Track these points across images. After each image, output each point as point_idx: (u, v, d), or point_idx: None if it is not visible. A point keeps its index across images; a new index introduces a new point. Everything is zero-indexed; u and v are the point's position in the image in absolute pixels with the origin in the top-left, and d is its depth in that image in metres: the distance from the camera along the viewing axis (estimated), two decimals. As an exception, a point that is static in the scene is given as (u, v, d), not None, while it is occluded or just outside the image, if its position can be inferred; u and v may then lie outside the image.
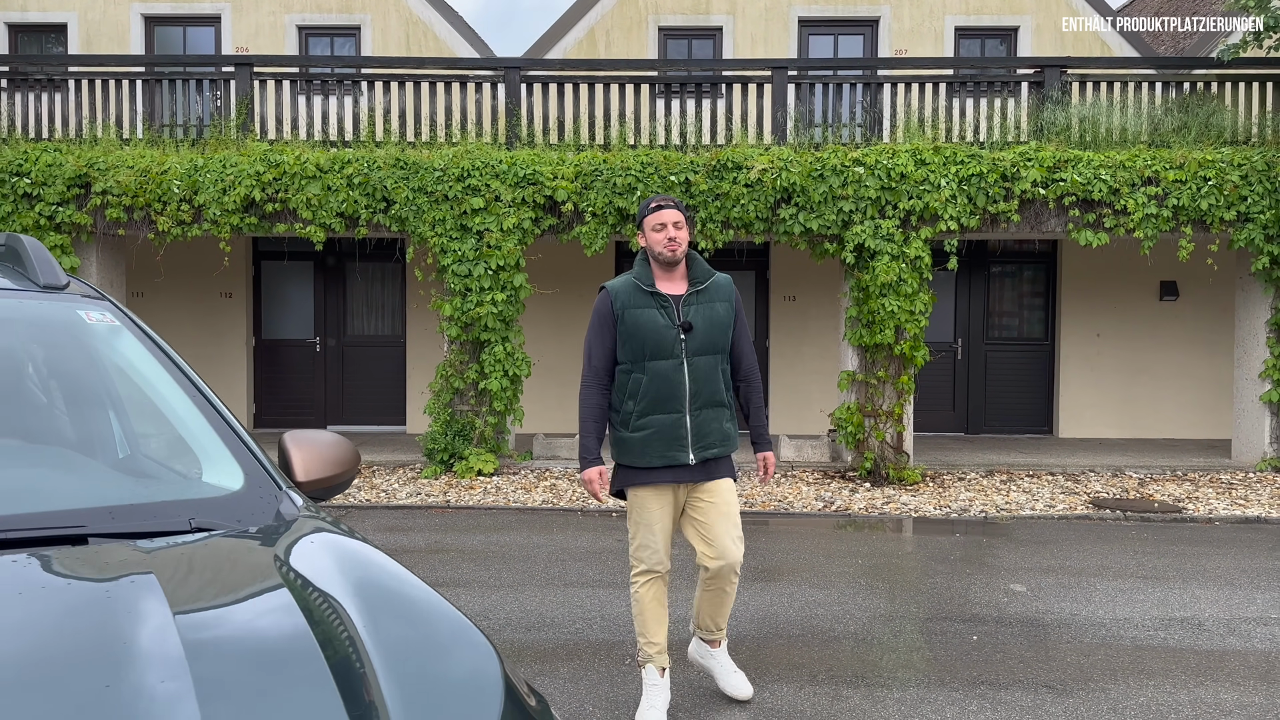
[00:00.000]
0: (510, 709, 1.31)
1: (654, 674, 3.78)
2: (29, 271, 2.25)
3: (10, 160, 9.69)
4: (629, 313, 3.69)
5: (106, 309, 2.21)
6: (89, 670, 1.13)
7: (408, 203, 9.40)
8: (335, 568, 1.54)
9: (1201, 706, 3.99)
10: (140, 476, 1.94)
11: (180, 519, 1.66)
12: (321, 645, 1.27)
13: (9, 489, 1.76)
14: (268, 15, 12.95)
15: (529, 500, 8.50)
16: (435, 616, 1.47)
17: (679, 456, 3.66)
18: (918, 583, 6.02)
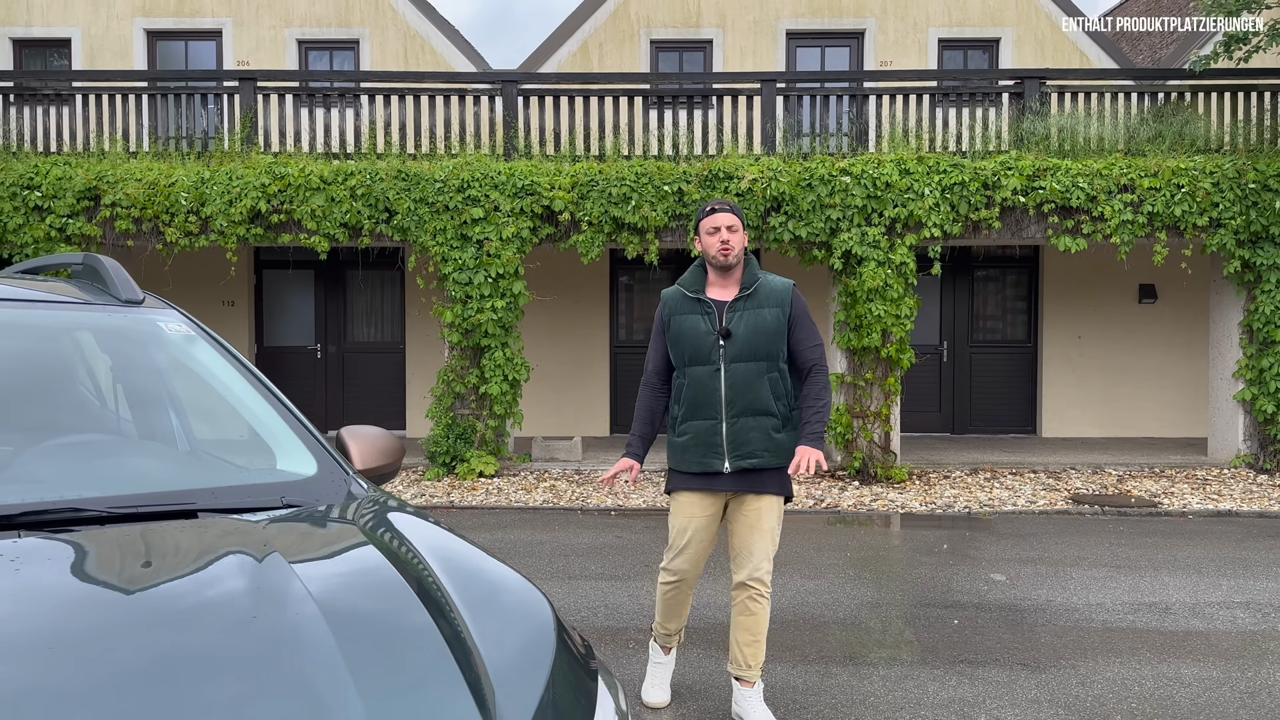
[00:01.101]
0: (561, 643, 1.62)
1: (659, 653, 3.93)
2: (109, 287, 2.55)
3: (21, 174, 9.95)
4: (675, 319, 3.71)
5: (181, 320, 2.52)
6: (237, 604, 1.44)
7: (409, 213, 9.70)
8: (408, 533, 1.85)
9: (1163, 680, 4.31)
10: (227, 464, 2.25)
11: (273, 497, 1.97)
12: (411, 586, 1.58)
13: (124, 475, 2.07)
14: (268, 30, 13.24)
15: (529, 500, 8.79)
16: (498, 572, 1.78)
17: (714, 464, 3.62)
18: (903, 573, 6.35)
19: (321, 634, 1.36)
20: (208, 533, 1.75)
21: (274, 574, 1.51)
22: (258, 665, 1.31)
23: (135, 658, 1.31)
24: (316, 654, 1.34)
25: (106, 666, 1.28)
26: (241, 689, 1.26)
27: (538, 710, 1.40)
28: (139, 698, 1.22)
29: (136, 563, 1.65)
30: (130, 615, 1.43)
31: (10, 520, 1.68)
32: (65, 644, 1.32)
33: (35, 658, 1.28)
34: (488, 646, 1.49)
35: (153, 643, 1.35)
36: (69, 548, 1.64)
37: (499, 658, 1.47)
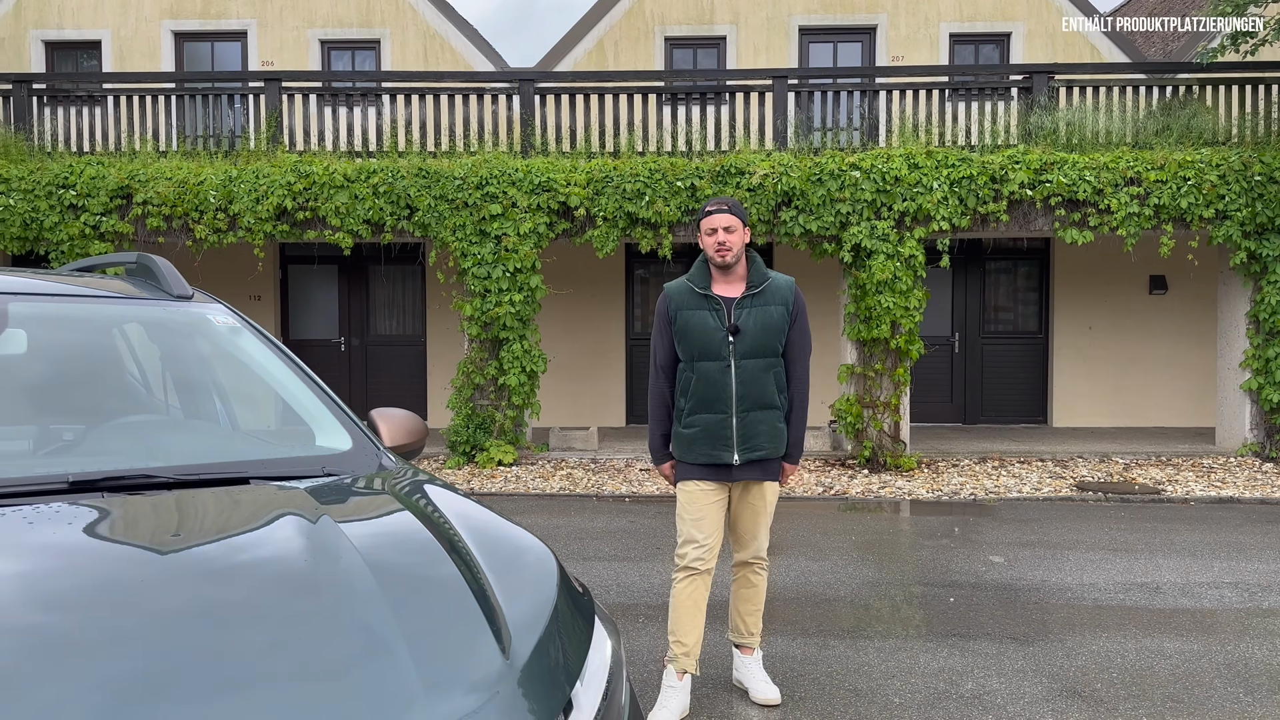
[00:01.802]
0: (564, 591, 1.88)
1: (673, 676, 3.79)
2: (162, 284, 2.83)
3: (57, 174, 10.31)
4: (682, 314, 3.74)
5: (227, 313, 2.80)
6: (297, 555, 1.70)
7: (430, 209, 9.99)
8: (435, 499, 2.12)
9: (1145, 653, 4.54)
10: (272, 440, 2.52)
11: (315, 468, 2.24)
12: (440, 543, 1.85)
13: (184, 448, 2.36)
14: (291, 30, 13.56)
15: (547, 488, 9.08)
16: (511, 530, 2.05)
17: (723, 456, 3.70)
18: (905, 555, 6.58)
19: (368, 582, 1.63)
20: (261, 496, 2.02)
21: (326, 531, 1.78)
22: (321, 604, 1.58)
23: (216, 598, 1.58)
24: (366, 598, 1.60)
25: (194, 603, 1.55)
26: (311, 623, 1.53)
27: (541, 644, 1.66)
28: (226, 631, 1.48)
29: (206, 519, 1.93)
30: (208, 562, 1.71)
31: (94, 484, 1.96)
32: (157, 584, 1.60)
33: (133, 594, 1.55)
34: (503, 592, 1.75)
35: (230, 585, 1.62)
36: (150, 506, 1.92)
37: (512, 601, 1.74)
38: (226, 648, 1.43)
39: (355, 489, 2.17)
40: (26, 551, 1.68)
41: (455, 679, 1.47)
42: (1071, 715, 3.81)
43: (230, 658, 1.41)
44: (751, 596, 3.95)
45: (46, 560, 1.65)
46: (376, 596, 1.60)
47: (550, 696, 1.55)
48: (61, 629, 1.41)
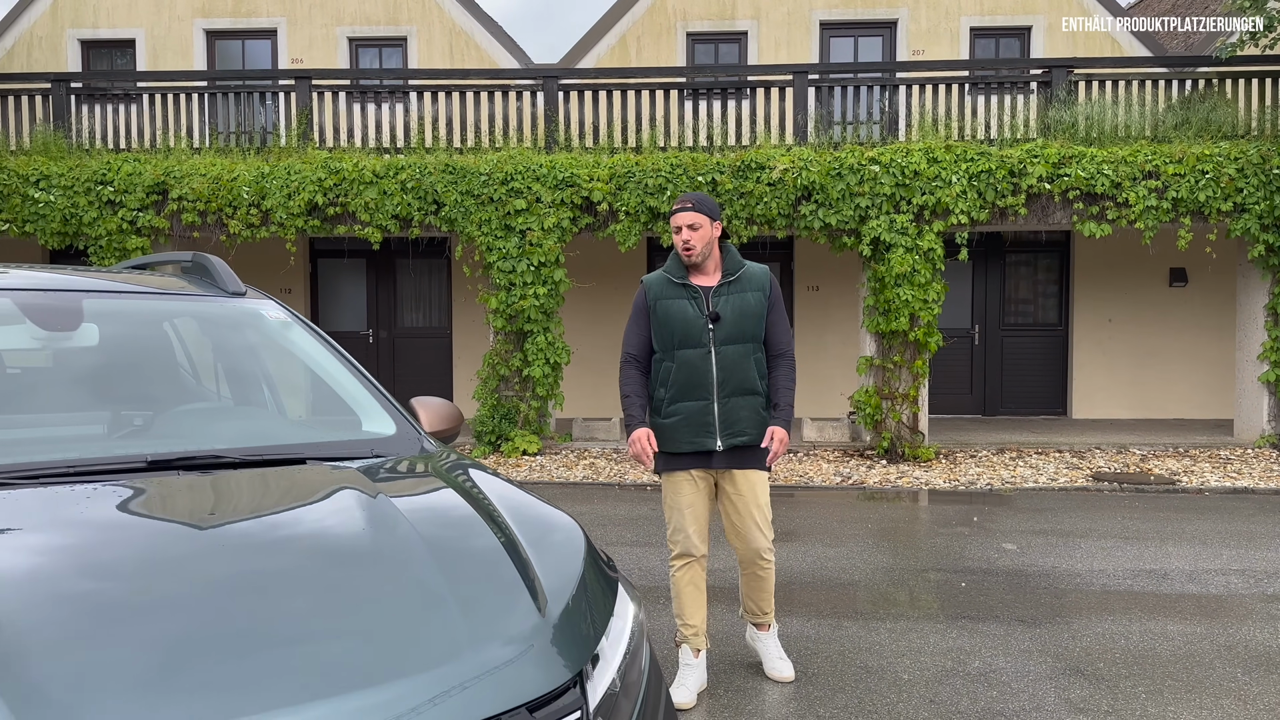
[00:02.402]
0: (590, 559, 2.09)
1: (689, 654, 3.93)
2: (217, 281, 3.06)
3: (95, 170, 10.62)
4: (660, 304, 3.81)
5: (278, 308, 3.03)
6: (359, 525, 1.92)
7: (456, 205, 10.22)
8: (474, 478, 2.34)
9: (1148, 635, 4.70)
10: (323, 425, 2.75)
11: (364, 450, 2.46)
12: (481, 517, 2.06)
13: (245, 432, 2.59)
14: (320, 28, 13.82)
15: (570, 476, 9.30)
16: (541, 506, 2.26)
17: (706, 443, 3.76)
18: (919, 542, 6.75)
19: (422, 550, 1.84)
20: (319, 475, 2.24)
21: (382, 505, 2.00)
22: (383, 567, 1.79)
23: (294, 561, 1.80)
24: (421, 563, 1.81)
25: (275, 565, 1.77)
26: (376, 583, 1.75)
27: (570, 605, 1.86)
28: (305, 588, 1.70)
29: (275, 494, 2.15)
30: (283, 531, 1.93)
31: (170, 463, 2.19)
32: (242, 550, 1.83)
33: (223, 558, 1.78)
34: (538, 560, 1.96)
35: (305, 551, 1.84)
36: (222, 482, 2.14)
37: (545, 568, 1.94)
38: (306, 602, 1.65)
39: (402, 469, 2.38)
40: (123, 521, 1.91)
41: (498, 632, 1.68)
42: (1074, 691, 3.98)
43: (310, 610, 1.63)
44: (761, 586, 4.01)
45: (142, 528, 1.88)
46: (429, 562, 1.81)
47: (579, 649, 1.75)
48: (170, 587, 1.65)
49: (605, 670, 1.80)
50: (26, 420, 2.42)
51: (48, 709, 1.31)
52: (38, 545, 1.76)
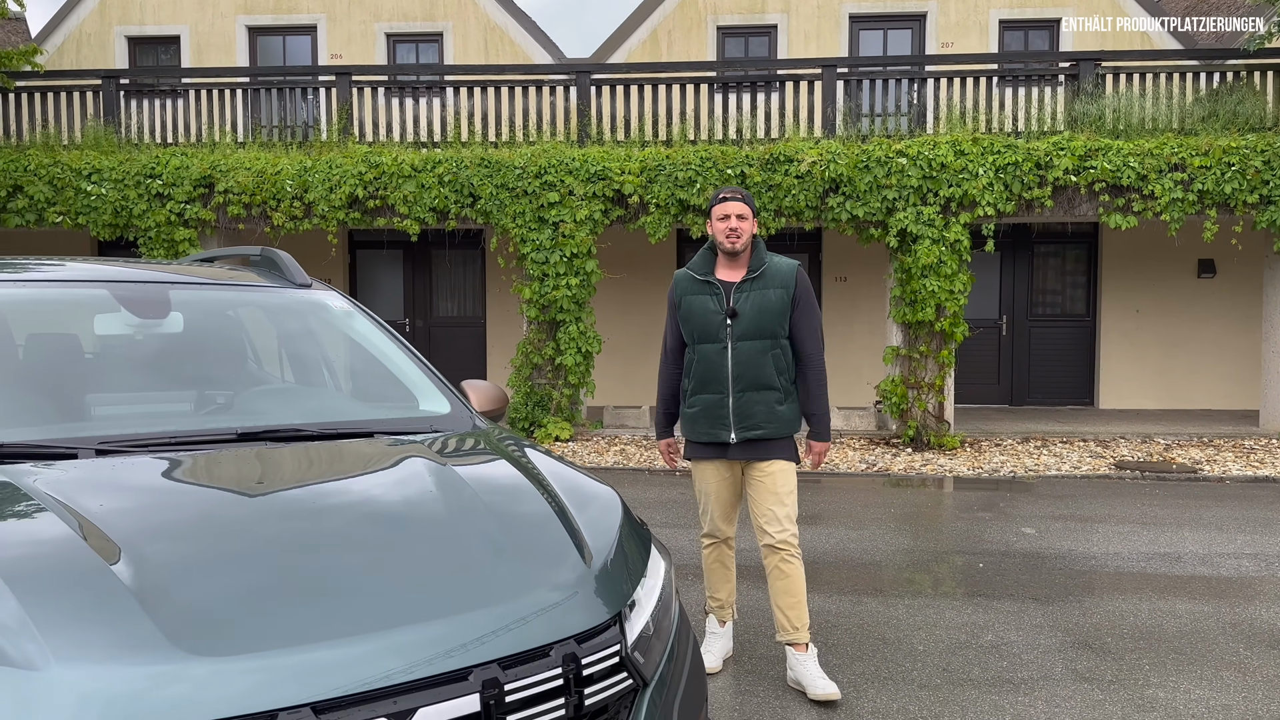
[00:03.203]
0: (626, 521, 2.36)
1: (714, 624, 4.14)
2: (285, 274, 3.36)
3: (144, 164, 11.02)
4: (685, 299, 3.93)
5: (340, 298, 3.32)
6: (430, 488, 2.20)
7: (491, 198, 10.52)
8: (524, 450, 2.61)
9: (1157, 613, 4.90)
10: (385, 404, 3.03)
11: (424, 426, 2.74)
12: (532, 484, 2.33)
13: (318, 410, 2.89)
14: (359, 24, 14.16)
15: (602, 462, 9.59)
16: (583, 476, 2.53)
17: (721, 434, 3.86)
18: (940, 526, 6.96)
19: (484, 510, 2.12)
20: (387, 447, 2.53)
21: (448, 472, 2.28)
22: (454, 524, 2.06)
23: (375, 516, 2.09)
24: (485, 521, 2.08)
25: (361, 519, 2.07)
26: (449, 536, 2.03)
27: (610, 558, 2.13)
28: (386, 539, 1.99)
29: (352, 461, 2.44)
30: (363, 492, 2.23)
31: (256, 435, 2.48)
32: (331, 506, 2.13)
33: (318, 511, 2.08)
34: (582, 520, 2.22)
35: (381, 508, 2.13)
36: (305, 451, 2.43)
37: (588, 527, 2.21)
38: (390, 549, 1.94)
39: (459, 443, 2.65)
40: (228, 481, 2.22)
41: (550, 580, 1.95)
42: (1080, 663, 4.20)
43: (394, 555, 1.92)
44: (788, 588, 3.90)
45: (244, 488, 2.17)
46: (491, 522, 2.09)
47: (617, 595, 2.02)
48: (280, 534, 1.96)
49: (640, 614, 2.06)
50: (128, 398, 2.72)
51: (193, 625, 1.59)
52: (166, 501, 2.06)
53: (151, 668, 1.51)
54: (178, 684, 1.50)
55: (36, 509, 1.89)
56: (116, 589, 1.65)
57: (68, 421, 2.53)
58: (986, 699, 3.83)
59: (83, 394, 2.69)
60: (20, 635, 1.52)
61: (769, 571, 3.96)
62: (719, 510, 4.04)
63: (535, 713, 1.74)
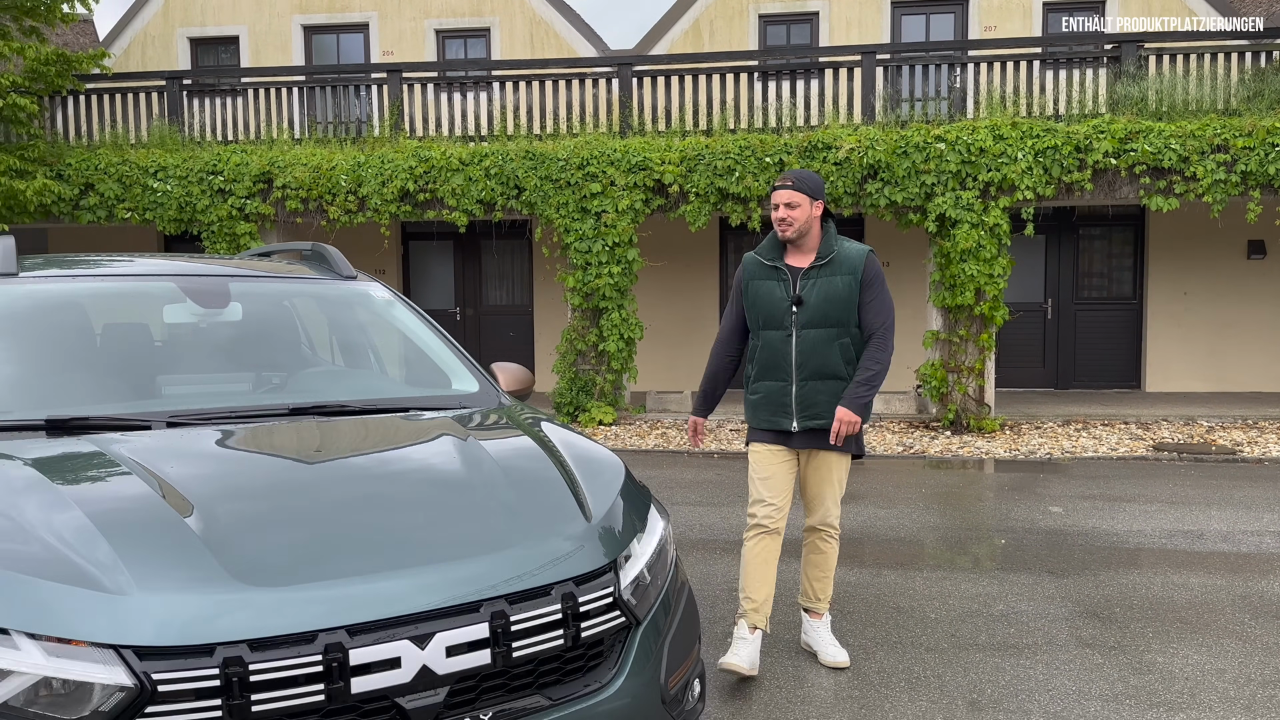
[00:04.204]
0: (629, 481, 2.64)
1: (744, 629, 3.88)
2: (333, 267, 3.70)
3: (206, 161, 11.54)
4: (752, 284, 3.88)
5: (383, 289, 3.65)
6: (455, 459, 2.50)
7: (536, 189, 10.85)
8: (541, 425, 2.91)
9: (1169, 586, 5.05)
10: (421, 384, 3.35)
11: (454, 403, 3.06)
12: (546, 454, 2.63)
13: (360, 389, 3.23)
14: (409, 21, 14.58)
15: (643, 444, 9.88)
16: (591, 445, 2.81)
17: (782, 422, 3.81)
18: (968, 505, 7.14)
19: (501, 477, 2.42)
20: (421, 421, 2.85)
21: (471, 445, 2.58)
22: (474, 491, 2.36)
23: (409, 482, 2.40)
24: (502, 486, 2.38)
25: (395, 484, 2.38)
26: (470, 501, 2.33)
27: (610, 514, 2.41)
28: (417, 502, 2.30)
29: (390, 434, 2.76)
30: (400, 461, 2.55)
31: (306, 410, 2.81)
32: (369, 473, 2.45)
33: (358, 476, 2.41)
34: (587, 483, 2.51)
35: (416, 476, 2.45)
36: (349, 425, 2.76)
37: (592, 490, 2.49)
38: (417, 506, 2.27)
39: (485, 419, 2.96)
40: (282, 448, 2.55)
41: (556, 533, 2.26)
42: (1085, 631, 4.39)
43: (420, 511, 2.25)
44: (820, 563, 4.02)
45: (296, 453, 2.51)
46: (507, 486, 2.39)
47: (614, 546, 2.31)
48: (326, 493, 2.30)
49: (635, 564, 2.35)
50: (193, 379, 3.07)
51: (251, 565, 1.92)
52: (228, 466, 2.41)
53: (216, 596, 1.84)
54: (237, 609, 1.83)
55: (122, 472, 2.23)
56: (189, 536, 1.98)
57: (142, 399, 2.88)
58: (989, 661, 4.04)
59: (154, 375, 3.05)
60: (113, 570, 1.86)
61: (806, 545, 4.06)
62: (772, 496, 3.86)
63: (537, 641, 2.04)
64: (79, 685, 1.74)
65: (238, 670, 1.77)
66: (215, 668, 1.76)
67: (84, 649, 1.76)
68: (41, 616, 1.78)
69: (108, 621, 1.77)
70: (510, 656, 2.00)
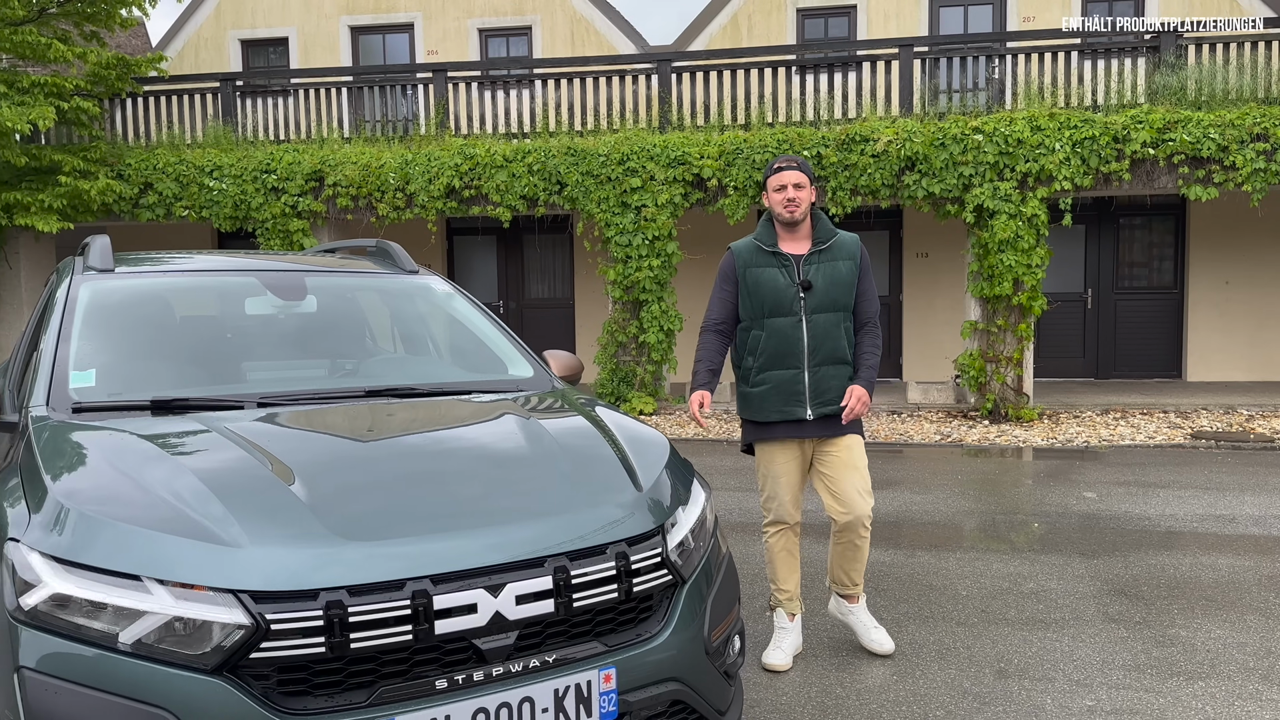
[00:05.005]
0: (673, 456, 2.88)
1: (783, 619, 3.99)
2: (397, 262, 3.98)
3: (260, 160, 11.94)
4: (750, 271, 3.80)
5: (443, 282, 3.92)
6: (517, 435, 2.75)
7: (578, 184, 11.11)
8: (591, 406, 3.16)
9: (1197, 567, 5.19)
10: (480, 370, 3.62)
11: (512, 387, 3.33)
12: (599, 431, 2.87)
13: (427, 373, 3.51)
14: (453, 21, 14.90)
15: (682, 434, 10.12)
16: (639, 425, 3.06)
17: (796, 411, 3.75)
18: (1003, 491, 7.29)
19: (560, 452, 2.67)
20: (484, 403, 3.11)
21: (532, 424, 2.84)
22: (536, 465, 2.61)
23: (477, 456, 2.67)
24: (560, 460, 2.63)
25: (465, 458, 2.65)
26: (533, 473, 2.57)
27: (657, 485, 2.65)
28: (485, 474, 2.55)
29: (456, 413, 3.03)
30: (468, 438, 2.81)
31: (380, 392, 3.08)
32: (441, 448, 2.72)
33: (433, 450, 2.68)
34: (636, 458, 2.76)
35: (481, 447, 2.71)
36: (419, 405, 3.03)
37: (641, 464, 2.73)
38: (487, 476, 2.53)
39: (541, 400, 3.22)
40: (364, 425, 2.83)
41: (610, 500, 2.51)
42: (1112, 607, 4.56)
43: (490, 480, 2.51)
44: (856, 556, 3.94)
45: (377, 430, 2.79)
46: (565, 460, 2.65)
47: (661, 513, 2.55)
48: (403, 466, 2.56)
49: (680, 530, 2.59)
50: (276, 365, 3.36)
51: (348, 523, 2.19)
52: (319, 440, 2.69)
53: (318, 549, 2.11)
54: (336, 561, 2.10)
55: (228, 445, 2.52)
56: (294, 500, 2.25)
57: (231, 383, 3.18)
58: (1017, 634, 4.24)
59: (240, 361, 3.34)
60: (229, 526, 2.14)
61: (838, 542, 3.92)
62: (789, 494, 3.89)
63: (594, 593, 2.30)
64: (202, 624, 2.02)
65: (338, 612, 2.04)
66: (319, 610, 2.03)
67: (206, 594, 2.03)
68: (169, 566, 2.06)
69: (227, 570, 2.05)
70: (571, 607, 2.25)
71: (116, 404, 2.84)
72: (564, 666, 2.24)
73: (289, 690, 2.04)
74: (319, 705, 2.04)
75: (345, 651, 2.04)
